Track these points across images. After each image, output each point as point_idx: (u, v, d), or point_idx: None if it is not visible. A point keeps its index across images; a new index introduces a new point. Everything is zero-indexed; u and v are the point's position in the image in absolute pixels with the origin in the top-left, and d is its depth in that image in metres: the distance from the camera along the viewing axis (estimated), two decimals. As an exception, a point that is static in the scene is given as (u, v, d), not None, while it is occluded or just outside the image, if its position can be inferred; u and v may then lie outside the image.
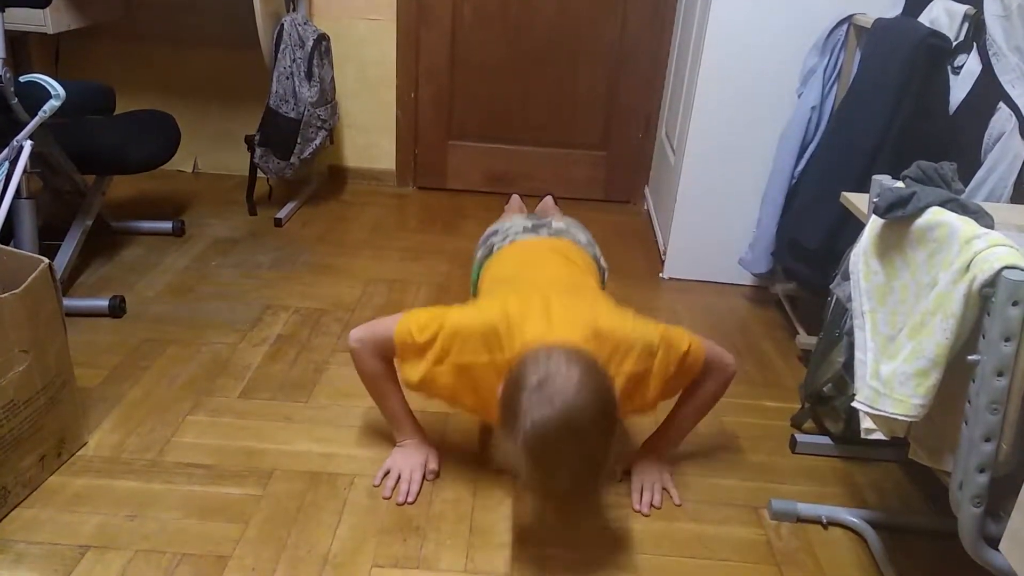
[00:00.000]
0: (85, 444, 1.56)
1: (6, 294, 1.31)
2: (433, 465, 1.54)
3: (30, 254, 1.44)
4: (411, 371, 1.38)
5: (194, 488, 1.47)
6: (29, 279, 1.35)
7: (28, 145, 1.80)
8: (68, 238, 2.17)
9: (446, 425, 1.70)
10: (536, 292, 1.37)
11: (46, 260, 1.40)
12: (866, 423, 1.14)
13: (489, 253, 1.70)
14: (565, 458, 1.12)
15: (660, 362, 1.33)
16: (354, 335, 1.45)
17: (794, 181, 2.20)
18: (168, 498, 1.44)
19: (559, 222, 1.76)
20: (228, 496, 1.45)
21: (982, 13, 1.64)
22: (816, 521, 1.49)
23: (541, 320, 1.29)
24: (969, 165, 1.60)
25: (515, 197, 2.76)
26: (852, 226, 1.55)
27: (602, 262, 1.74)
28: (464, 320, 1.34)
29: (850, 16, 2.10)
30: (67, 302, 1.97)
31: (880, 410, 1.08)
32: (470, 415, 1.64)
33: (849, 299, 1.27)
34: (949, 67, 1.71)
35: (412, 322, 1.37)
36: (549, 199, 2.74)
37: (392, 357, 1.44)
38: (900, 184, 1.16)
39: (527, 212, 2.68)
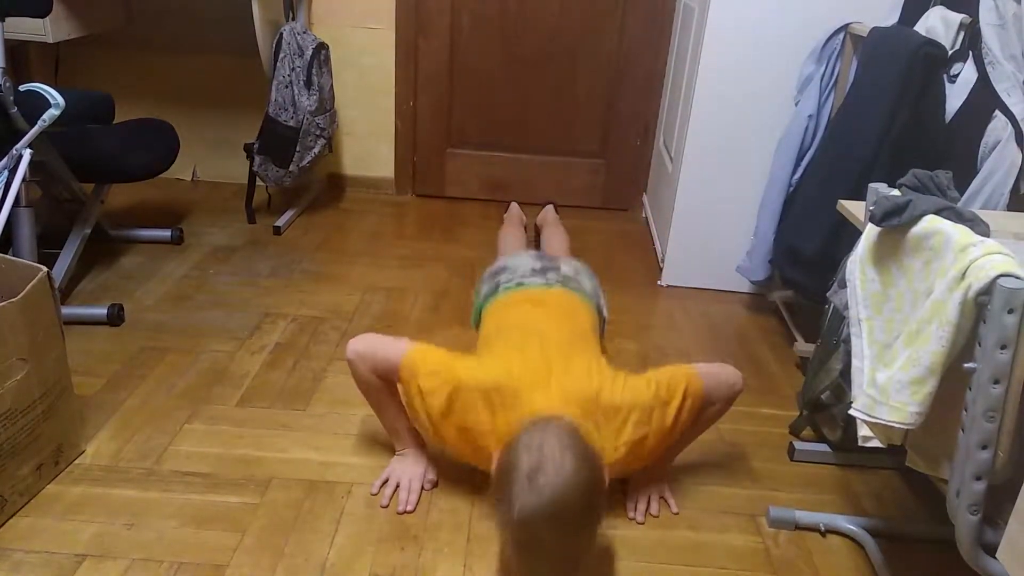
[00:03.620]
0: (83, 452, 1.56)
1: (4, 302, 1.31)
2: (432, 475, 1.54)
3: (29, 262, 1.44)
4: (414, 412, 1.43)
5: (191, 496, 1.46)
6: (28, 287, 1.35)
7: (27, 153, 1.81)
8: (67, 246, 2.17)
9: (444, 433, 1.70)
10: (540, 354, 1.41)
11: (44, 268, 1.41)
12: (863, 431, 1.14)
13: (495, 290, 1.72)
14: (548, 548, 1.15)
15: (657, 422, 1.37)
16: (353, 348, 1.46)
17: (791, 189, 2.21)
18: (165, 506, 1.43)
19: (567, 267, 1.78)
20: (225, 504, 1.45)
21: (978, 22, 1.65)
22: (814, 529, 1.49)
23: (543, 388, 1.34)
24: (965, 173, 1.61)
25: (514, 205, 2.77)
26: (849, 234, 1.56)
27: (604, 312, 1.78)
28: (470, 377, 1.37)
29: (846, 25, 2.11)
30: (65, 310, 1.98)
31: (877, 418, 1.08)
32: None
33: (846, 307, 1.27)
34: (945, 76, 1.72)
35: (421, 363, 1.40)
36: (550, 208, 2.75)
37: (391, 378, 1.45)
38: (896, 192, 1.16)
39: (526, 220, 2.70)
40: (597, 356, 1.50)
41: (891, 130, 1.75)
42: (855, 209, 1.42)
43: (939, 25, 1.76)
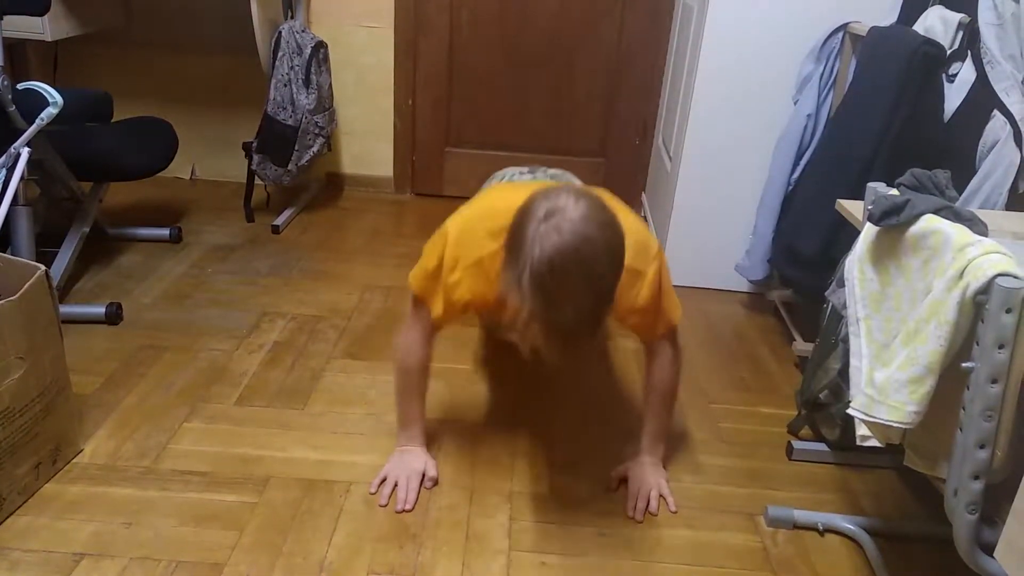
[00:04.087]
0: (81, 451, 1.56)
1: (2, 301, 1.31)
2: (432, 472, 1.54)
3: (27, 261, 1.44)
4: (435, 304, 1.41)
5: (190, 495, 1.46)
6: (26, 286, 1.35)
7: (26, 152, 1.81)
8: (65, 245, 2.17)
9: (443, 433, 1.70)
10: (531, 185, 1.40)
11: (42, 267, 1.40)
12: (861, 430, 1.14)
13: None
14: (571, 288, 1.09)
15: (654, 271, 1.36)
16: (395, 352, 1.54)
17: (790, 188, 2.21)
18: (163, 505, 1.43)
19: (555, 170, 1.78)
20: (224, 503, 1.45)
21: (976, 21, 1.65)
22: (812, 528, 1.49)
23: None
24: (964, 173, 1.61)
25: None
26: (848, 233, 1.56)
27: None
28: (464, 217, 1.37)
29: (845, 24, 2.11)
30: (64, 309, 1.98)
31: (875, 417, 1.09)
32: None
33: (844, 306, 1.28)
34: (944, 75, 1.72)
35: (416, 270, 1.43)
36: None
37: (431, 335, 1.48)
38: (894, 191, 1.16)
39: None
40: None
41: (890, 129, 1.75)
42: (854, 208, 1.42)
43: (938, 24, 1.76)
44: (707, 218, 2.45)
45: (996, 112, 1.58)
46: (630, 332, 1.52)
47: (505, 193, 1.36)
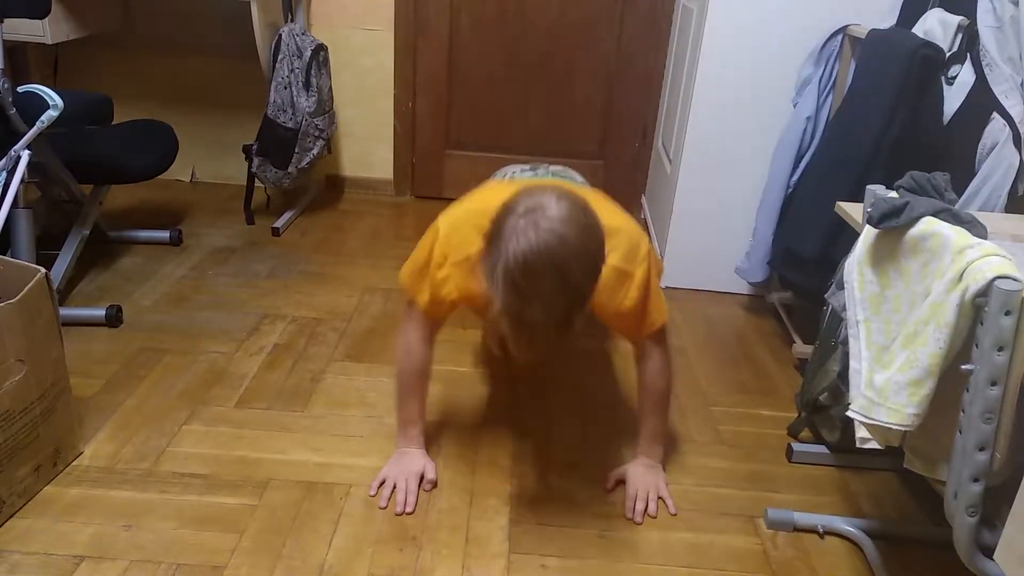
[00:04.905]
0: (81, 454, 1.56)
1: (2, 304, 1.31)
2: (431, 475, 1.54)
3: (27, 263, 1.44)
4: (421, 295, 1.42)
5: (189, 498, 1.46)
6: (26, 289, 1.35)
7: (26, 155, 1.81)
8: (65, 247, 2.17)
9: (442, 435, 1.70)
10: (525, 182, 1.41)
11: (42, 270, 1.41)
12: (861, 432, 1.14)
13: None
14: (542, 287, 1.09)
15: (642, 273, 1.36)
16: (397, 353, 1.53)
17: (790, 190, 2.21)
18: (163, 508, 1.43)
19: (556, 167, 1.78)
20: (223, 506, 1.45)
21: (975, 24, 1.65)
22: (812, 530, 1.49)
23: None
24: (963, 175, 1.61)
25: None
26: (848, 235, 1.56)
27: None
28: (454, 214, 1.37)
29: (845, 27, 2.11)
30: (64, 311, 1.98)
31: (874, 419, 1.09)
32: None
33: (844, 308, 1.28)
34: (943, 78, 1.72)
35: (407, 265, 1.43)
36: None
37: (430, 336, 1.49)
38: (893, 194, 1.17)
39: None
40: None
41: (889, 132, 1.75)
42: (853, 211, 1.42)
43: (937, 27, 1.76)
44: (707, 220, 2.45)
45: (995, 114, 1.58)
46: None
47: (497, 190, 1.36)
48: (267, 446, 1.63)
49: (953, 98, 1.69)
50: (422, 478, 1.53)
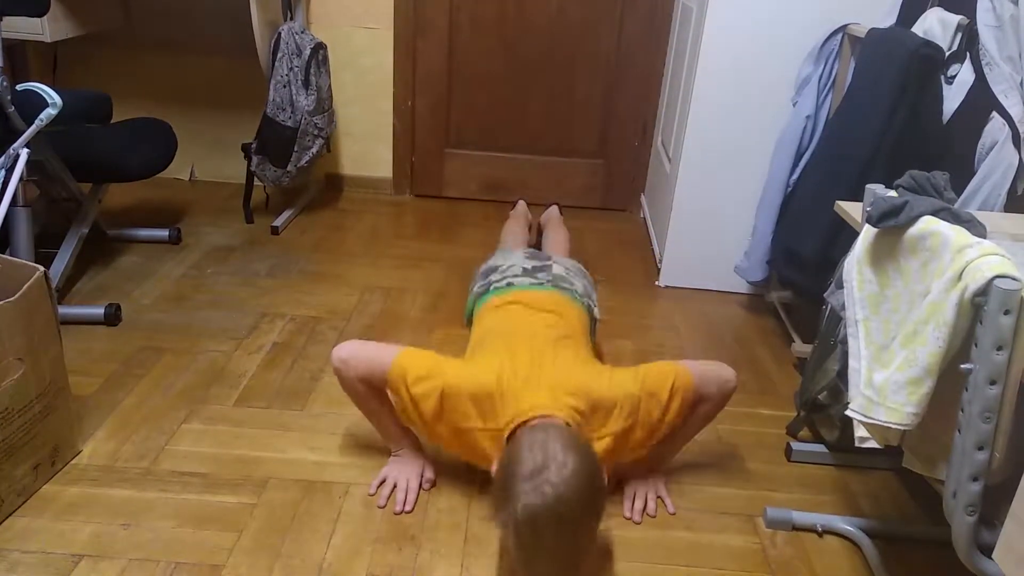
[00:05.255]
0: (79, 452, 1.56)
1: (1, 302, 1.31)
2: (430, 474, 1.54)
3: (26, 262, 1.44)
4: (408, 418, 1.44)
5: (188, 497, 1.46)
6: (24, 287, 1.35)
7: (25, 153, 1.81)
8: (64, 246, 2.17)
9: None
10: (529, 357, 1.41)
11: (41, 268, 1.40)
12: (860, 431, 1.14)
13: (486, 290, 1.72)
14: (550, 546, 1.15)
15: (644, 414, 1.38)
16: (339, 355, 1.44)
17: (789, 189, 2.21)
18: (162, 507, 1.43)
19: (559, 267, 1.78)
20: (222, 505, 1.45)
21: (975, 23, 1.65)
22: (811, 529, 1.49)
23: (533, 390, 1.33)
24: (963, 174, 1.61)
25: (521, 203, 2.78)
26: (847, 234, 1.56)
27: (595, 312, 1.77)
28: (459, 381, 1.37)
29: (844, 26, 2.11)
30: (62, 310, 1.98)
31: (873, 418, 1.09)
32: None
33: (843, 307, 1.28)
34: (943, 77, 1.72)
35: (410, 368, 1.39)
36: (554, 209, 2.74)
37: (380, 386, 1.44)
38: (893, 193, 1.16)
39: (531, 218, 2.70)
40: (587, 353, 1.51)
41: (889, 131, 1.75)
42: (852, 210, 1.42)
43: (936, 26, 1.76)
44: (706, 219, 2.45)
45: (995, 114, 1.58)
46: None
47: (503, 369, 1.37)
48: (266, 445, 1.63)
49: (952, 97, 1.69)
50: (422, 477, 1.53)
